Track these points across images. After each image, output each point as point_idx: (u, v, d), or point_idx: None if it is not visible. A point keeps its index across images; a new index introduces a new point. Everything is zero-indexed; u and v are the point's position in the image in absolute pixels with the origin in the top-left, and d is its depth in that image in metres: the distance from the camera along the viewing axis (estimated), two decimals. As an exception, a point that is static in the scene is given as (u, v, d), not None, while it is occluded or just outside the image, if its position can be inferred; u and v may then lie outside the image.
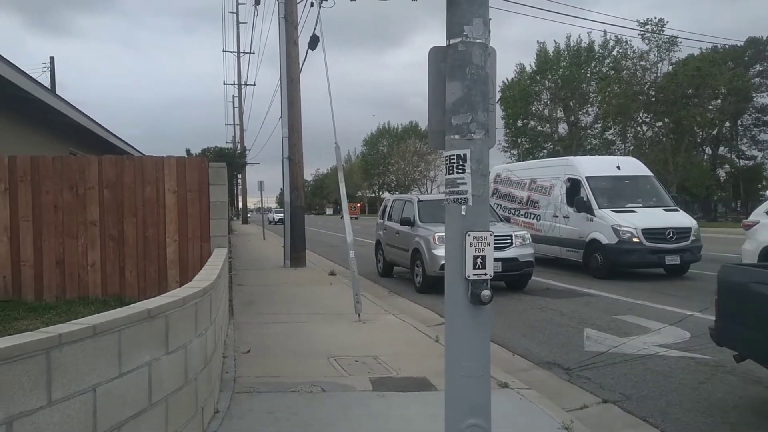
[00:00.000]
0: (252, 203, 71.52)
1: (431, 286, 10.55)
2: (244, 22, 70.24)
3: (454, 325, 2.83)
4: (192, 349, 3.44)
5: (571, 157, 19.65)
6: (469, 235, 2.72)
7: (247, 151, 35.89)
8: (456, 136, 2.77)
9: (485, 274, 2.74)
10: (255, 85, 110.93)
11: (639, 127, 46.05)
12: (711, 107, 42.82)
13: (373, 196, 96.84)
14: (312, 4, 12.00)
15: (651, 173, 14.74)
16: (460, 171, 2.75)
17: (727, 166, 52.72)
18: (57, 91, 24.39)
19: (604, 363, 6.03)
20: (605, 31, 48.49)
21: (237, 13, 45.31)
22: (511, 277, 10.75)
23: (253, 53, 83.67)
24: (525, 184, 15.82)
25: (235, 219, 46.13)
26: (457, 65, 2.76)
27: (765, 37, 47.49)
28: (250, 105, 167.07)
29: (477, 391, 2.80)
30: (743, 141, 51.77)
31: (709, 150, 52.07)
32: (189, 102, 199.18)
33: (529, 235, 11.25)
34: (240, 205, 53.14)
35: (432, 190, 76.01)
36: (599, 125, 50.56)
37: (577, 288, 11.10)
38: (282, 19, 14.18)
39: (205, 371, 3.75)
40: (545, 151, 52.04)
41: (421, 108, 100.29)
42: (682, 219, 12.92)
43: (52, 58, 30.17)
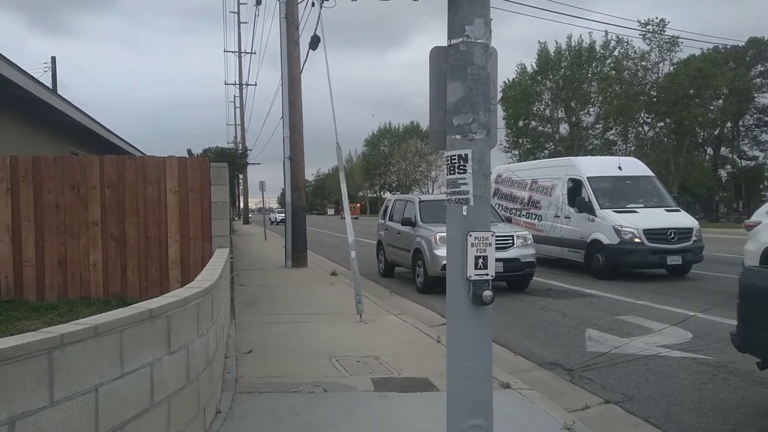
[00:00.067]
0: (253, 203, 71.59)
1: (432, 286, 10.54)
2: (246, 22, 70.43)
3: (456, 326, 2.83)
4: (194, 349, 3.44)
5: (573, 157, 19.62)
6: (470, 235, 2.72)
7: (248, 152, 35.88)
8: (457, 137, 2.77)
9: (487, 275, 2.74)
10: (256, 85, 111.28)
11: (640, 128, 45.98)
12: (712, 107, 42.72)
13: (375, 196, 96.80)
14: (313, 4, 12.00)
15: (652, 173, 14.73)
16: (462, 171, 2.75)
17: (728, 167, 52.65)
18: (58, 91, 24.42)
19: (606, 363, 6.02)
20: (606, 32, 48.43)
21: (238, 13, 45.57)
22: (513, 278, 10.74)
23: (254, 53, 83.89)
24: (526, 185, 15.81)
25: (237, 219, 46.17)
26: (459, 65, 2.76)
27: (766, 38, 47.40)
28: (252, 105, 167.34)
29: (479, 391, 2.80)
30: (745, 141, 51.72)
31: (710, 150, 52.01)
32: (190, 102, 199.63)
33: (530, 236, 11.25)
34: (241, 205, 53.22)
35: (433, 191, 75.97)
36: (600, 125, 50.50)
37: (579, 288, 11.09)
38: (283, 19, 14.19)
39: (206, 371, 3.75)
40: (546, 151, 51.97)
41: (422, 108, 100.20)
42: (683, 219, 12.91)
43: (54, 58, 30.11)
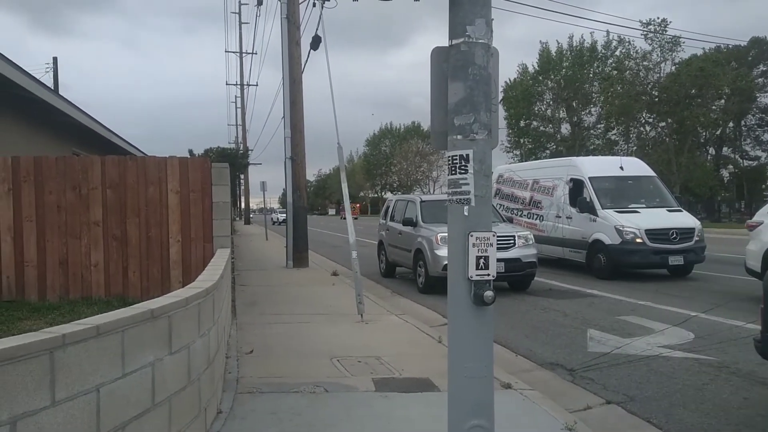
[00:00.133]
0: (254, 204, 71.74)
1: (434, 286, 10.54)
2: (247, 23, 70.41)
3: (457, 326, 2.83)
4: (195, 349, 3.44)
5: (574, 157, 19.61)
6: (471, 235, 2.72)
7: (249, 152, 35.96)
8: (459, 137, 2.77)
9: (488, 275, 2.74)
10: (257, 85, 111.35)
11: (642, 128, 45.91)
12: (714, 107, 42.63)
13: (376, 196, 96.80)
14: (314, 5, 12.03)
15: (654, 173, 14.71)
16: (463, 171, 2.75)
17: (730, 167, 52.55)
18: (60, 92, 24.45)
19: (608, 364, 6.01)
20: (608, 32, 48.28)
21: (239, 13, 45.64)
22: (514, 278, 10.73)
23: (256, 54, 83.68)
24: (528, 185, 15.80)
25: (238, 219, 46.21)
26: (460, 66, 2.75)
27: (768, 37, 47.38)
28: (253, 105, 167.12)
29: (480, 391, 2.80)
30: (747, 141, 51.59)
31: (712, 150, 51.91)
32: (191, 102, 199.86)
33: (531, 236, 11.24)
34: (242, 205, 53.24)
35: (434, 191, 75.95)
36: (602, 125, 50.41)
37: (580, 288, 11.08)
38: (284, 19, 14.19)
39: (208, 371, 3.75)
40: (548, 151, 51.90)
41: (423, 108, 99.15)
42: (685, 219, 12.89)
43: (55, 59, 30.05)
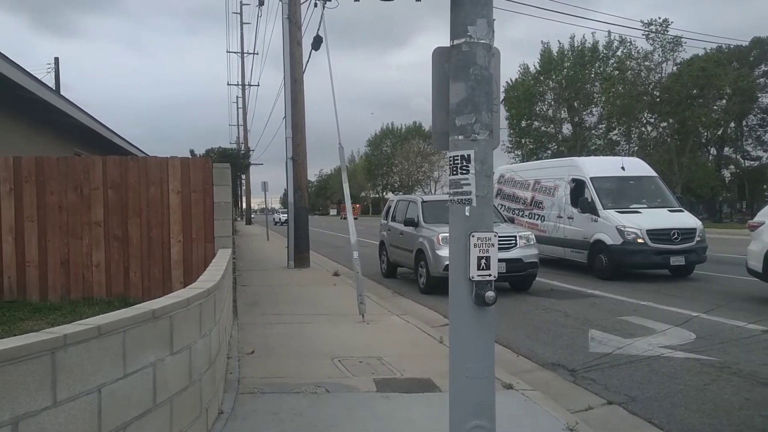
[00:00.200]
0: (256, 204, 71.69)
1: (435, 286, 10.53)
2: (248, 23, 70.43)
3: (459, 326, 2.83)
4: (196, 349, 3.44)
5: (576, 157, 19.59)
6: (473, 235, 2.71)
7: (250, 152, 35.97)
8: (460, 137, 2.76)
9: (489, 275, 2.73)
10: (259, 85, 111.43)
11: (643, 128, 45.89)
12: (716, 108, 42.59)
13: (377, 196, 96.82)
14: (315, 5, 12.04)
15: (655, 174, 14.69)
16: (464, 172, 2.75)
17: (732, 167, 52.45)
18: (61, 92, 24.49)
19: (609, 364, 6.01)
20: (609, 32, 48.25)
21: (240, 13, 45.65)
22: (516, 278, 10.72)
23: (257, 54, 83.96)
24: (529, 185, 15.79)
25: (239, 220, 46.23)
26: (461, 66, 2.75)
27: (770, 38, 47.29)
28: (254, 106, 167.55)
29: (481, 392, 2.80)
30: (748, 141, 51.50)
31: (713, 150, 51.83)
32: (192, 102, 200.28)
33: (533, 236, 11.23)
34: (244, 205, 53.26)
35: (435, 191, 75.97)
36: (603, 126, 50.38)
37: (582, 289, 11.07)
38: (285, 19, 14.20)
39: (209, 372, 3.75)
40: (549, 151, 51.87)
41: (424, 108, 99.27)
42: (687, 220, 12.87)
43: (57, 59, 29.92)
